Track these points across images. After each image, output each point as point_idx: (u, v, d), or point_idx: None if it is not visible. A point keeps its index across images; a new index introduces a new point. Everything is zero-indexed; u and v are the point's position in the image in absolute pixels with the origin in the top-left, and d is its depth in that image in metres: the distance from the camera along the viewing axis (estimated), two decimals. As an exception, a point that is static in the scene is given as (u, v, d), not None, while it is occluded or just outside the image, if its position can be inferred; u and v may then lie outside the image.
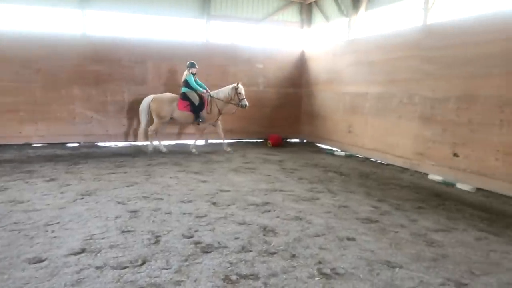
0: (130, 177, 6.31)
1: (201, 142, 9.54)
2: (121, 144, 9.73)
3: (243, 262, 3.32)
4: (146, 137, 8.82)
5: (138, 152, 8.69)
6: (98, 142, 9.57)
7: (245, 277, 3.06)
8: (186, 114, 8.63)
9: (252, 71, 10.67)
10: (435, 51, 6.76)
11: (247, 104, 8.68)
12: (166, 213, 4.53)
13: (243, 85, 8.95)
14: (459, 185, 6.22)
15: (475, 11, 6.40)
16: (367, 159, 8.58)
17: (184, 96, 8.59)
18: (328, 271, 3.21)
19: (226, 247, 3.61)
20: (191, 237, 3.84)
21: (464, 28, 6.24)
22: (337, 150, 9.48)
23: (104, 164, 7.25)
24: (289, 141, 11.18)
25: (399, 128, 7.58)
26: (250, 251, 3.56)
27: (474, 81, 6.05)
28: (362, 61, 8.67)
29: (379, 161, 8.25)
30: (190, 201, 5.04)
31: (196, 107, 8.58)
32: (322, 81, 10.36)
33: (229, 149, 9.05)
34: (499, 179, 5.68)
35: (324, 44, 10.51)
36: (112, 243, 3.62)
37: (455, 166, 6.38)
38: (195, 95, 8.57)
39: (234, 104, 8.77)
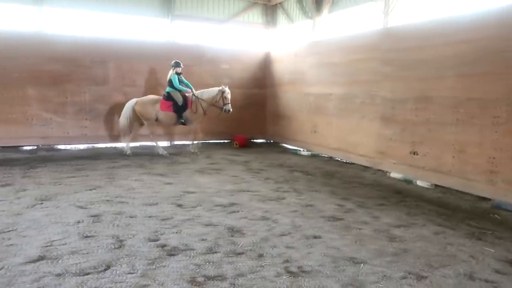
0: (91, 180, 6.11)
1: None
2: (81, 146, 9.40)
3: (210, 263, 3.30)
4: (125, 139, 8.83)
5: (99, 155, 8.42)
6: (57, 144, 9.19)
7: (212, 278, 3.04)
8: (169, 115, 8.53)
9: (218, 72, 10.61)
10: (393, 53, 7.01)
11: (230, 110, 8.59)
12: (130, 217, 4.42)
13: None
14: (418, 182, 6.48)
15: (431, 15, 6.69)
16: (331, 158, 8.77)
17: (168, 96, 8.49)
18: (295, 269, 3.25)
19: (192, 249, 3.58)
20: (157, 240, 3.77)
21: (420, 32, 6.51)
22: (302, 150, 9.62)
23: (64, 168, 6.97)
24: (255, 142, 11.22)
25: (362, 128, 7.80)
26: (217, 252, 3.54)
27: (430, 82, 6.32)
28: (325, 63, 8.84)
29: (343, 160, 8.45)
30: (155, 204, 4.95)
31: (179, 107, 8.47)
32: (286, 82, 10.47)
33: (195, 151, 8.95)
34: (455, 176, 5.96)
35: (288, 45, 10.64)
36: (73, 249, 3.48)
37: (414, 164, 6.63)
38: (179, 95, 8.47)
39: (218, 107, 8.70)
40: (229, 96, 8.57)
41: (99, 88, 9.33)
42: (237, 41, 11.51)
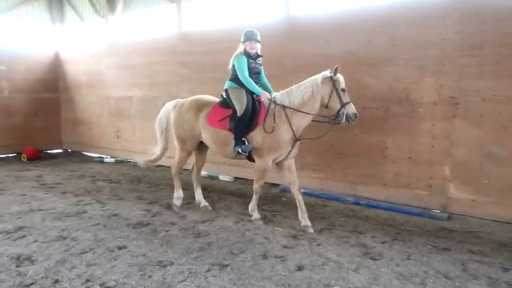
0: None
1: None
2: None
3: (-13, 305, 2.74)
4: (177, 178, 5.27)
5: None
6: None
7: (-10, 323, 2.53)
8: (221, 135, 4.61)
9: (-9, 74, 8.95)
10: (189, 56, 7.30)
11: (356, 113, 4.18)
12: None
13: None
14: (221, 177, 6.95)
15: (221, 22, 7.24)
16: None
17: (223, 101, 4.71)
18: (98, 287, 3.02)
19: (-39, 294, 2.90)
20: None
21: (213, 37, 6.97)
22: (106, 157, 9.04)
23: None
24: (49, 153, 9.93)
25: (166, 129, 7.84)
26: (-2, 289, 2.97)
27: (223, 84, 6.83)
28: (123, 65, 8.54)
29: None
30: None
31: (239, 121, 4.41)
32: (83, 85, 9.64)
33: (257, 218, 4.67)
34: (249, 167, 6.61)
35: (82, 46, 9.79)
36: None
37: (216, 160, 7.08)
38: (244, 96, 4.46)
39: (331, 116, 4.28)
40: (344, 85, 4.25)
41: None
42: (18, 38, 9.90)
